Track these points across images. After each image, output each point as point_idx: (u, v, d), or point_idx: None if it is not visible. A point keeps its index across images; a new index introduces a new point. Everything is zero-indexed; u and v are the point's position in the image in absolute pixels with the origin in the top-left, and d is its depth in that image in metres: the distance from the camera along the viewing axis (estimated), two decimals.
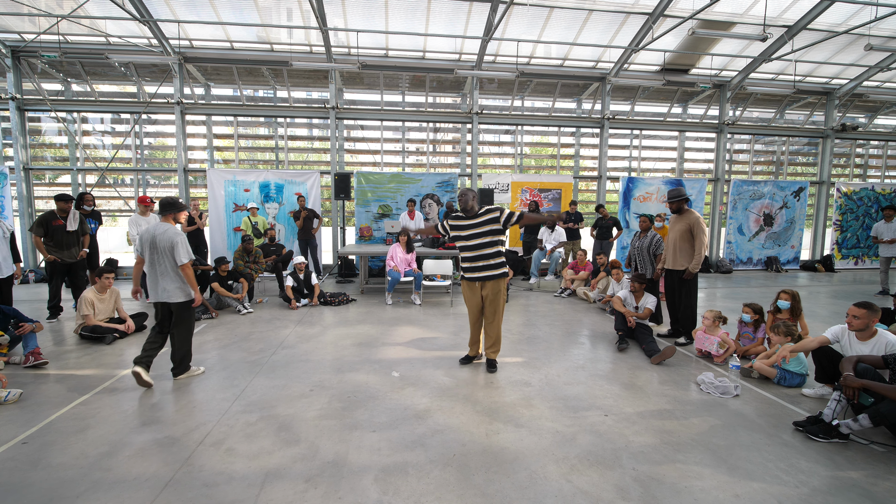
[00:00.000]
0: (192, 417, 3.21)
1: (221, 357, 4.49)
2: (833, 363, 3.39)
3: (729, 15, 8.37)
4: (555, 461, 2.69)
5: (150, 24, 7.82)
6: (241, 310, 6.25)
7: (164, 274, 3.72)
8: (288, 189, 9.32)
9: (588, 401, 3.53)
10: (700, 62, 9.86)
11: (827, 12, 8.09)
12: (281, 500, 2.32)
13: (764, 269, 11.02)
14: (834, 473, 2.60)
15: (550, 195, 10.14)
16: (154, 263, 3.73)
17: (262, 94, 10.20)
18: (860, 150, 12.41)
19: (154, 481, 2.48)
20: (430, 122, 10.31)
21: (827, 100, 11.18)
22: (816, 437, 2.94)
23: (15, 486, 2.44)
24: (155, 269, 3.73)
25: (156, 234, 3.71)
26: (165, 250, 3.69)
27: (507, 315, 6.27)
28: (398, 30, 8.50)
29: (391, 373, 4.08)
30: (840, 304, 7.17)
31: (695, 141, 11.44)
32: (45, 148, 9.90)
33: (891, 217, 7.86)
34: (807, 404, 3.52)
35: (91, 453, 2.75)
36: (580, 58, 9.65)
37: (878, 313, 3.33)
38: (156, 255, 3.70)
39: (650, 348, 4.56)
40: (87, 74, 9.15)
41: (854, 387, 2.85)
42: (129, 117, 9.50)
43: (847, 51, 9.58)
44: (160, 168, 10.85)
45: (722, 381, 3.74)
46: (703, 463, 2.69)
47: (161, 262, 3.71)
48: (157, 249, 3.69)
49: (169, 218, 3.84)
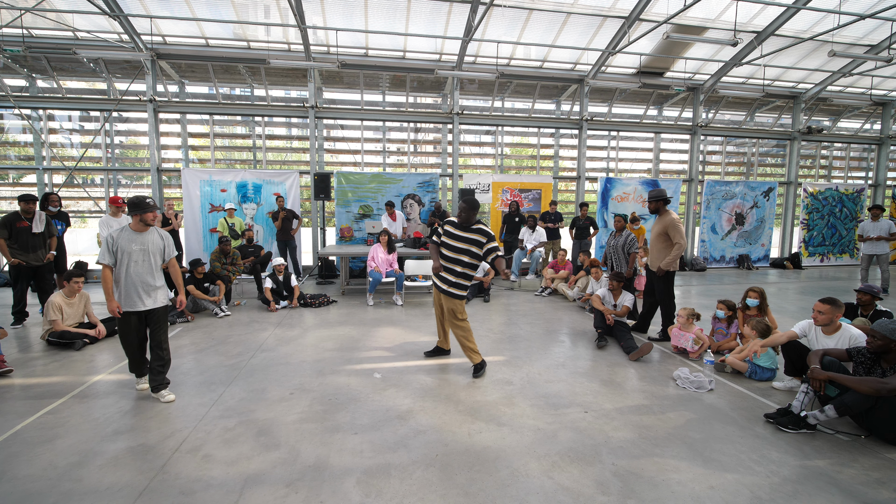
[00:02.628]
0: (168, 424, 3.12)
1: (198, 361, 4.37)
2: (801, 357, 3.53)
3: (701, 20, 8.63)
4: (536, 458, 2.72)
5: (120, 18, 7.57)
6: (219, 313, 6.11)
7: (148, 276, 3.47)
8: (266, 189, 9.15)
9: (568, 398, 3.58)
10: (674, 66, 10.13)
11: (793, 19, 8.44)
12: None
13: (736, 266, 11.40)
14: (802, 462, 2.71)
15: (531, 195, 10.24)
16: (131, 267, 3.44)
17: (238, 92, 9.98)
18: (825, 152, 12.96)
19: (128, 490, 2.40)
20: (411, 122, 10.28)
21: (794, 103, 11.66)
22: (786, 429, 3.06)
23: None
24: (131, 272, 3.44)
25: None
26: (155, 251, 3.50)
27: (488, 314, 6.31)
28: (378, 29, 8.45)
29: (373, 374, 4.05)
30: (807, 299, 7.47)
31: (670, 142, 11.75)
32: (8, 146, 9.46)
33: (877, 216, 8.15)
34: (777, 397, 3.66)
35: (60, 464, 2.64)
36: (559, 60, 9.78)
37: (842, 308, 3.49)
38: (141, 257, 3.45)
39: (628, 345, 4.66)
40: (53, 70, 8.77)
41: (820, 379, 2.98)
42: (98, 115, 9.16)
43: (812, 56, 10.00)
44: (132, 168, 10.49)
45: (697, 376, 3.85)
46: (680, 456, 2.76)
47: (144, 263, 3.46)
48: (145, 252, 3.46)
49: (134, 220, 3.52)
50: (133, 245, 3.42)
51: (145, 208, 3.44)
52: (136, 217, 3.44)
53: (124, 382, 3.84)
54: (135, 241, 3.44)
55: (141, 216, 3.44)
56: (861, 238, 8.35)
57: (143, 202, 3.43)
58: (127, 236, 3.43)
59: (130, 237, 3.44)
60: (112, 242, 3.37)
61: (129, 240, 3.43)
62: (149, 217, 3.48)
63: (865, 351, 3.08)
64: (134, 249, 3.42)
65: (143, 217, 3.44)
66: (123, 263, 3.41)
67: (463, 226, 4.00)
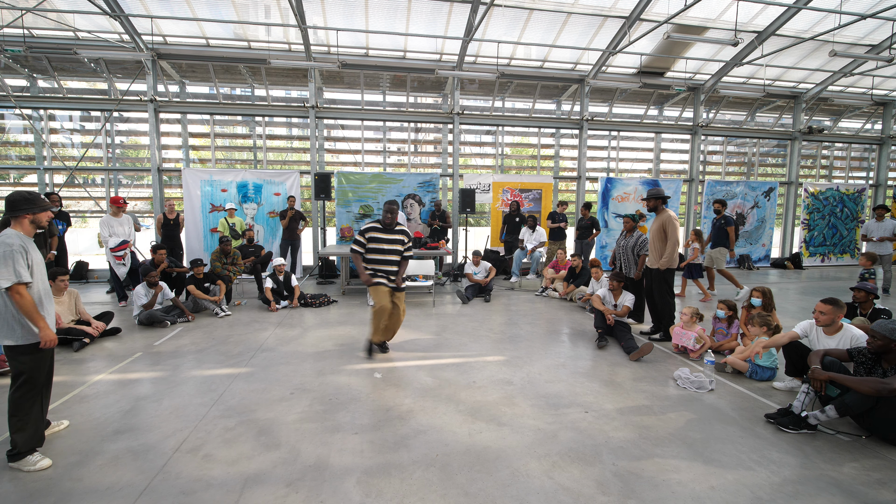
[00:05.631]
0: (168, 424, 3.12)
1: (198, 361, 4.38)
2: (802, 357, 3.53)
3: (702, 20, 8.62)
4: (537, 458, 2.71)
5: (121, 18, 7.57)
6: (219, 312, 6.11)
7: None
8: (267, 189, 9.15)
9: (569, 398, 3.58)
10: (675, 65, 10.12)
11: (794, 19, 8.43)
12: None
13: (737, 266, 11.38)
14: (803, 462, 2.71)
15: (531, 195, 10.24)
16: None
17: (239, 92, 9.99)
18: (826, 152, 12.94)
19: (128, 490, 2.40)
20: (412, 122, 10.28)
21: (795, 103, 11.64)
22: (787, 429, 3.05)
23: None
24: None
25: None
26: None
27: (489, 314, 6.31)
28: (379, 29, 8.45)
29: (373, 374, 4.05)
30: (808, 300, 7.46)
31: (670, 142, 11.74)
32: (9, 146, 9.47)
33: (882, 216, 8.13)
34: (777, 397, 3.65)
35: (60, 463, 2.65)
36: (559, 59, 9.78)
37: (844, 309, 3.49)
38: None
39: (629, 345, 4.65)
40: (54, 70, 8.78)
41: (821, 379, 2.98)
42: (99, 115, 9.16)
43: (813, 56, 9.99)
44: (133, 168, 10.50)
45: (697, 376, 3.85)
46: (681, 456, 2.76)
47: None
48: None
49: (22, 221, 2.67)
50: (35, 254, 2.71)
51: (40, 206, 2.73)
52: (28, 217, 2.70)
53: (124, 382, 3.84)
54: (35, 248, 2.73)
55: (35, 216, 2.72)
56: (865, 238, 8.33)
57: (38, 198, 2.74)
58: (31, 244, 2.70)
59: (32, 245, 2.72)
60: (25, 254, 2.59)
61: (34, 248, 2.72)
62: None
63: (866, 351, 3.08)
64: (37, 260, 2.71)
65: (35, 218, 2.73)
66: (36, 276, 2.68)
67: (388, 228, 4.46)
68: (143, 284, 5.69)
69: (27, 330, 2.60)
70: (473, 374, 4.08)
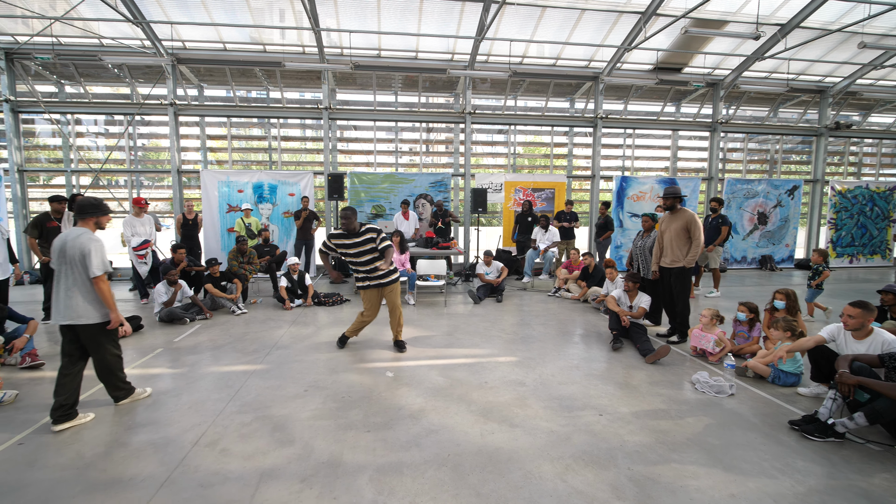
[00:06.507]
0: (187, 418, 3.19)
1: (216, 358, 4.46)
2: (829, 362, 3.39)
3: (721, 13, 8.40)
4: (550, 461, 2.68)
5: (142, 25, 7.78)
6: (236, 310, 6.22)
7: (70, 289, 3.05)
8: (281, 190, 9.29)
9: (583, 400, 3.52)
10: (693, 61, 9.90)
11: (820, 10, 8.10)
12: (276, 501, 2.31)
13: (758, 267, 11.07)
14: (830, 472, 2.60)
15: (544, 195, 10.15)
16: (60, 277, 3.07)
17: (255, 94, 10.18)
18: (854, 149, 12.48)
19: (150, 482, 2.46)
20: (423, 122, 10.30)
21: (820, 98, 11.25)
22: (812, 437, 2.94)
23: (12, 486, 2.43)
24: (60, 283, 3.06)
25: (66, 241, 3.05)
26: (76, 260, 3.03)
27: (501, 315, 6.28)
28: (390, 30, 8.49)
29: (385, 373, 4.06)
30: (835, 302, 7.20)
31: (688, 140, 11.49)
32: (39, 150, 9.84)
33: None
34: (802, 403, 3.53)
35: (87, 454, 2.73)
36: (573, 57, 9.66)
37: (874, 312, 3.32)
38: (64, 267, 3.06)
39: (644, 347, 4.56)
40: (80, 76, 9.09)
41: (850, 384, 2.85)
42: (122, 119, 9.44)
43: (840, 49, 9.63)
44: (154, 169, 10.78)
45: (717, 380, 3.74)
46: (699, 462, 2.69)
47: (70, 274, 3.05)
48: (65, 259, 3.04)
49: (89, 222, 3.19)
50: None
51: (103, 211, 3.29)
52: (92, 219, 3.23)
53: (146, 377, 3.94)
54: None
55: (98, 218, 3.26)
56: None
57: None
58: None
59: None
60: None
61: None
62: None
63: None
64: None
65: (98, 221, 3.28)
66: None
67: (351, 234, 4.42)
68: (164, 282, 5.84)
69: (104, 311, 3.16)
70: (485, 374, 4.06)
